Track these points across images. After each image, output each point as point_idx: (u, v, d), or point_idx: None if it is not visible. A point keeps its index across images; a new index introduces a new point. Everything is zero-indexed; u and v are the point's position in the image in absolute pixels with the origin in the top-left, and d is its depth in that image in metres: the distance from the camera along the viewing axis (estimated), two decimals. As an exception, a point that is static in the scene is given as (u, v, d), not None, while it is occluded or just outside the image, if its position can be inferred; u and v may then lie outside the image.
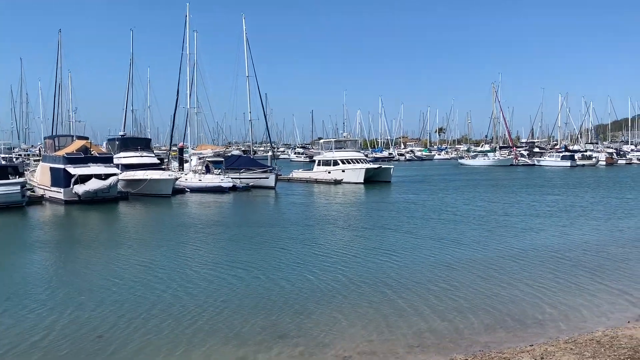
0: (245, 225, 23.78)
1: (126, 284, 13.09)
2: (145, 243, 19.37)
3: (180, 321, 10.17)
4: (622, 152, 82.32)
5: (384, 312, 10.55)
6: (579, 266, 14.28)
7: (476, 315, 10.19)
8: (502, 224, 22.72)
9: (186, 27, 41.79)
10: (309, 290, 12.33)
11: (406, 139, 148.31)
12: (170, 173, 33.96)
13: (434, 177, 56.42)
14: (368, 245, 18.05)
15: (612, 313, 10.15)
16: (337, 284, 12.84)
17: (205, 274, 14.01)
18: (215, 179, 37.46)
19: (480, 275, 13.41)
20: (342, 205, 31.68)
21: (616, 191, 37.49)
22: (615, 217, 24.39)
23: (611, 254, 15.92)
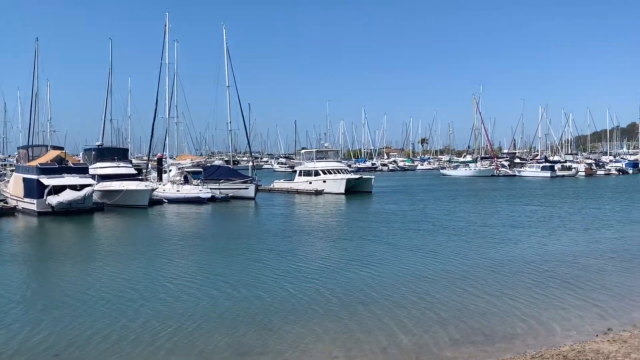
0: (221, 236, 23.46)
1: (91, 299, 12.72)
2: (116, 256, 18.93)
3: (141, 338, 9.86)
4: (601, 163, 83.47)
5: (352, 326, 10.35)
6: (553, 278, 14.25)
7: (445, 330, 10.05)
8: (481, 234, 22.74)
9: (165, 36, 41.55)
10: (279, 304, 12.10)
11: (390, 149, 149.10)
12: (146, 184, 33.49)
13: (415, 187, 56.57)
14: (345, 257, 17.90)
15: (582, 326, 10.07)
16: (309, 297, 12.65)
17: (175, 289, 13.69)
18: (193, 190, 37.06)
19: (454, 288, 13.30)
20: (321, 216, 31.50)
21: (594, 202, 37.84)
22: (593, 228, 24.52)
23: (585, 265, 15.93)
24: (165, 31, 41.42)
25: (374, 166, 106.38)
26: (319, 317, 11.06)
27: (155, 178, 42.86)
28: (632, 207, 34.24)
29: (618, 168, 78.58)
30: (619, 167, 79.35)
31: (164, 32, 41.42)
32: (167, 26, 41.31)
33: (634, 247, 18.98)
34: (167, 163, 42.05)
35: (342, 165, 49.04)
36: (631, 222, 26.75)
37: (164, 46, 41.44)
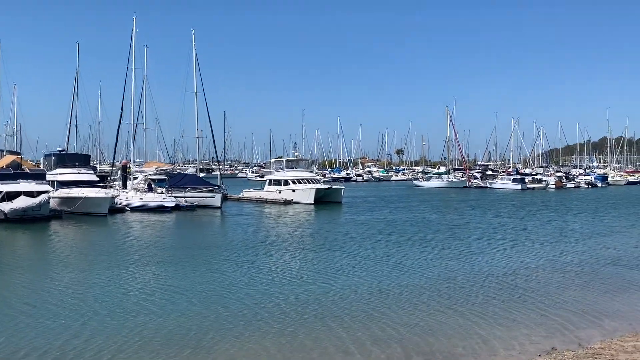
0: (180, 247, 22.92)
1: (36, 312, 12.15)
2: (67, 266, 18.26)
3: (82, 356, 9.36)
4: (571, 176, 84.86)
5: (292, 343, 9.98)
6: (508, 292, 14.13)
7: (385, 348, 9.72)
8: (446, 246, 22.75)
9: (132, 40, 40.76)
10: (234, 319, 11.67)
11: (366, 159, 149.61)
12: (106, 191, 32.59)
13: (386, 198, 56.55)
14: (307, 269, 17.64)
15: (526, 345, 9.82)
16: (266, 311, 12.26)
17: (126, 301, 13.19)
18: (157, 198, 36.26)
19: (407, 302, 13.10)
20: (287, 226, 31.06)
21: (561, 215, 38.30)
22: (557, 240, 24.75)
23: (544, 279, 15.90)
24: (132, 35, 40.70)
25: (349, 176, 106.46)
26: (274, 334, 10.71)
27: (120, 185, 41.86)
28: (597, 220, 34.73)
29: (587, 181, 79.99)
30: (588, 180, 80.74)
31: (131, 37, 40.68)
32: (134, 30, 40.64)
33: (595, 261, 19.09)
34: (131, 170, 41.01)
35: (312, 175, 48.69)
36: (595, 235, 27.09)
37: (131, 51, 40.69)
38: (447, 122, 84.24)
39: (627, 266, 18.08)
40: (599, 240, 24.82)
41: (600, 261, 19.05)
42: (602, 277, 16.24)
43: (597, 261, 19.06)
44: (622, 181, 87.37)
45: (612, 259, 19.49)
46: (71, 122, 47.94)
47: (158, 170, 45.00)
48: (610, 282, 15.53)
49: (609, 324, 11.20)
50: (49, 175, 35.23)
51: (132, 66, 40.54)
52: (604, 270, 17.26)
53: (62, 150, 38.83)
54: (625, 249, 22.10)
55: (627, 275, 16.48)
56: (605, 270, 17.39)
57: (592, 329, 10.85)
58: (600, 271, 17.13)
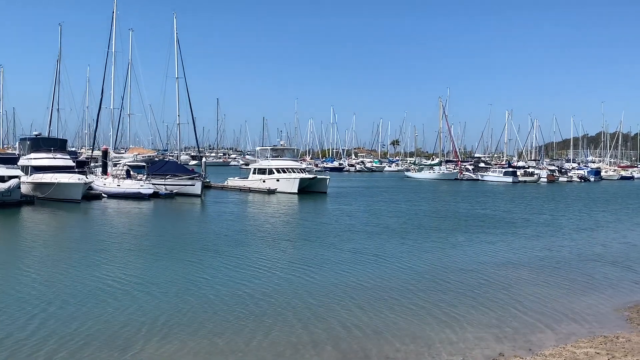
0: (150, 235, 22.34)
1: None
2: (27, 255, 17.61)
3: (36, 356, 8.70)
4: (564, 169, 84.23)
5: (263, 345, 9.39)
6: (472, 289, 13.58)
7: (323, 350, 9.05)
8: (425, 239, 22.29)
9: (113, 23, 39.77)
10: (193, 314, 11.11)
11: (362, 150, 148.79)
12: (80, 177, 31.80)
13: (374, 189, 55.91)
14: (276, 260, 17.02)
15: (472, 350, 9.16)
16: (228, 306, 11.73)
17: (84, 292, 12.62)
18: (134, 185, 35.52)
19: (366, 298, 12.54)
20: (266, 216, 30.48)
21: (549, 208, 37.82)
22: (540, 235, 24.27)
23: (512, 276, 15.25)
24: (112, 18, 39.69)
25: (341, 166, 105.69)
26: (232, 330, 10.18)
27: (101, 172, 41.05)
28: (584, 214, 34.37)
29: (580, 175, 79.39)
30: (581, 174, 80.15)
31: (112, 19, 39.67)
32: (114, 13, 39.62)
33: (572, 258, 18.55)
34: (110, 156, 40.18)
35: (297, 164, 47.89)
36: (579, 229, 26.73)
37: (111, 34, 39.73)
38: (440, 113, 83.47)
39: (604, 263, 17.52)
40: (582, 236, 24.35)
41: (577, 258, 18.50)
42: (574, 275, 15.65)
43: (574, 258, 18.51)
44: (616, 176, 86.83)
45: (589, 256, 18.94)
46: (53, 106, 47.00)
47: (138, 156, 44.17)
48: (580, 280, 14.93)
49: (566, 327, 10.57)
50: (24, 159, 34.46)
51: (113, 49, 39.66)
52: (578, 268, 16.67)
53: (38, 134, 37.95)
54: (607, 246, 21.58)
55: (599, 274, 15.87)
56: (579, 267, 16.81)
57: (548, 333, 10.22)
58: (574, 268, 16.54)
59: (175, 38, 43.31)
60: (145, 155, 46.52)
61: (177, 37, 43.50)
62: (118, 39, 47.90)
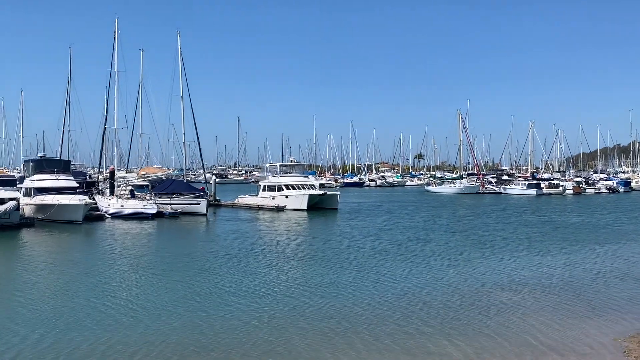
0: (148, 256, 22.01)
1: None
2: (19, 278, 17.37)
3: None
4: (591, 181, 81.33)
5: None
6: (460, 315, 12.52)
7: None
8: (428, 255, 21.34)
9: (115, 42, 39.87)
10: (168, 335, 10.72)
11: (385, 164, 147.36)
12: (81, 198, 31.54)
13: (391, 204, 54.70)
14: (273, 282, 16.39)
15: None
16: (207, 326, 11.48)
17: (72, 316, 12.45)
18: (137, 205, 35.12)
19: (364, 326, 11.69)
20: (272, 235, 29.80)
21: (569, 222, 36.06)
22: (552, 252, 23.03)
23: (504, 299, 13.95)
24: (114, 37, 39.80)
25: (362, 181, 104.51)
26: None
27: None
28: (607, 227, 32.26)
29: (608, 187, 76.52)
30: (609, 185, 77.25)
31: (114, 39, 39.78)
32: (116, 32, 39.72)
33: (571, 277, 17.00)
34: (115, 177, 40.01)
35: (307, 180, 46.98)
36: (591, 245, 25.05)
37: (114, 53, 39.80)
38: (459, 126, 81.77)
39: (613, 283, 16.12)
40: (594, 252, 22.74)
41: (584, 276, 17.05)
42: (578, 296, 14.37)
43: (579, 276, 17.11)
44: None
45: (597, 274, 17.50)
46: (64, 127, 47.38)
47: (145, 176, 43.93)
48: (584, 303, 13.58)
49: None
50: (27, 181, 34.45)
51: (116, 69, 39.65)
52: (583, 288, 15.29)
53: (42, 156, 38.08)
54: (617, 263, 20.00)
55: (606, 295, 14.54)
56: (584, 287, 15.42)
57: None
58: (579, 289, 15.19)
59: (180, 56, 43.32)
60: (153, 175, 46.30)
61: (182, 56, 43.52)
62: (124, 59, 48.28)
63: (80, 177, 44.00)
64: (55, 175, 34.24)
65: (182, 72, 43.50)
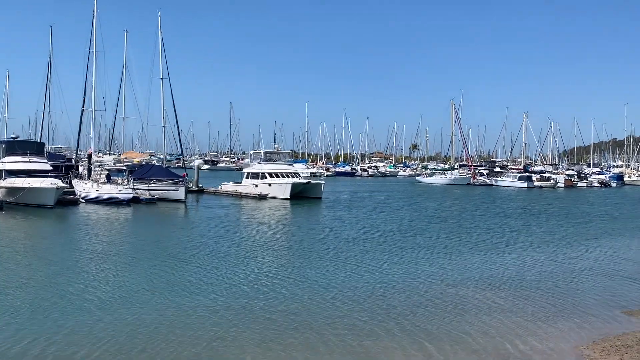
0: (117, 244, 21.26)
1: None
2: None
3: None
4: (584, 174, 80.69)
5: None
6: (413, 314, 11.82)
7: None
8: (403, 248, 20.70)
9: (93, 22, 38.63)
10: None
11: (379, 154, 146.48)
12: (53, 181, 30.59)
13: (379, 193, 54.04)
14: (236, 273, 15.73)
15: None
16: (162, 318, 10.96)
17: (27, 306, 11.84)
18: (112, 190, 34.20)
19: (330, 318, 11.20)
20: (249, 224, 29.22)
21: (556, 216, 35.47)
22: (530, 247, 22.35)
23: (464, 300, 13.21)
24: (93, 17, 38.55)
25: (354, 171, 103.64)
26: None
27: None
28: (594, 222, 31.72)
29: (600, 180, 75.91)
30: (601, 179, 76.64)
31: (92, 18, 38.51)
32: (95, 11, 38.46)
33: (540, 276, 16.19)
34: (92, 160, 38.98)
35: (292, 168, 46.05)
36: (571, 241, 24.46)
37: (92, 33, 38.57)
38: (452, 116, 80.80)
39: (585, 282, 15.37)
40: (570, 249, 22.01)
41: (556, 275, 16.28)
42: (545, 297, 13.60)
43: (551, 275, 16.33)
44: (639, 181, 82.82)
45: (570, 273, 16.72)
46: (45, 109, 46.18)
47: (125, 160, 42.94)
48: (551, 305, 12.79)
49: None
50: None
51: (94, 49, 38.47)
52: (552, 288, 14.51)
53: (15, 137, 37.00)
54: (592, 260, 19.30)
55: (575, 295, 13.82)
56: (554, 288, 14.63)
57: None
58: (547, 289, 14.38)
59: (160, 37, 42.18)
60: (136, 159, 45.28)
61: (162, 37, 42.48)
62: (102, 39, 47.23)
63: (59, 160, 43.00)
64: (27, 158, 33.24)
65: (162, 53, 42.50)
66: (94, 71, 38.55)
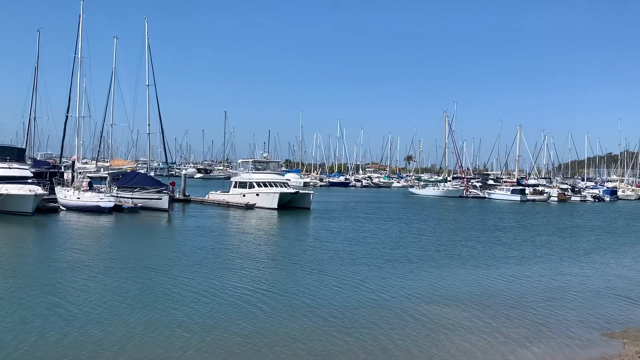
0: (95, 254, 20.66)
1: None
2: None
3: None
4: (577, 188, 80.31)
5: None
6: (389, 332, 11.52)
7: None
8: (389, 261, 20.33)
9: (79, 27, 38.11)
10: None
11: (374, 165, 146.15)
12: (32, 188, 29.89)
13: (371, 204, 53.54)
14: (209, 287, 15.21)
15: None
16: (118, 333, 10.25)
17: None
18: (93, 198, 33.48)
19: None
20: (232, 235, 28.78)
21: (546, 232, 35.05)
22: (505, 262, 21.91)
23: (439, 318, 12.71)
24: (79, 22, 38.04)
25: (347, 181, 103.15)
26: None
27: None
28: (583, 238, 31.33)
29: (594, 195, 75.57)
30: (595, 194, 76.30)
31: (78, 23, 38.02)
32: (80, 16, 37.94)
33: (522, 295, 15.58)
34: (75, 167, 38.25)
35: (281, 177, 45.46)
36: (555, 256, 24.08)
37: (78, 38, 38.03)
38: (445, 128, 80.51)
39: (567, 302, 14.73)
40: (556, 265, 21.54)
41: (537, 295, 15.65)
42: (524, 318, 12.93)
43: (532, 294, 15.72)
44: (633, 196, 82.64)
45: (553, 293, 16.12)
46: (30, 115, 45.52)
47: (112, 168, 42.24)
48: (530, 326, 12.18)
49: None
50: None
51: (79, 55, 37.93)
52: (532, 308, 13.91)
53: (8, 144, 36.32)
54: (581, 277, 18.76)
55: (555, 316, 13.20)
56: (534, 307, 14.02)
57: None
58: (527, 309, 13.76)
59: (147, 44, 41.69)
60: (125, 167, 44.61)
61: (148, 44, 41.98)
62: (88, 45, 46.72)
63: (43, 167, 42.30)
64: (7, 164, 32.51)
65: (148, 60, 41.93)
66: (79, 77, 37.99)
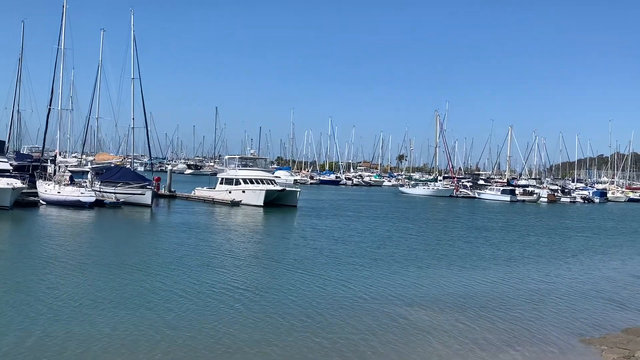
0: (71, 250, 20.00)
1: None
2: None
3: None
4: (567, 190, 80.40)
5: None
6: (362, 335, 11.10)
7: None
8: (374, 260, 19.98)
9: (63, 18, 37.44)
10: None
11: (366, 163, 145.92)
12: (9, 181, 29.26)
13: (359, 203, 53.15)
14: (198, 283, 14.93)
15: None
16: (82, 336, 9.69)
17: None
18: (74, 192, 32.85)
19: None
20: (219, 231, 28.21)
21: (535, 232, 34.88)
22: (490, 262, 21.61)
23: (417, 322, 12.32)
24: (63, 12, 37.36)
25: (338, 179, 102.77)
26: None
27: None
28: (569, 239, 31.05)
29: (584, 196, 75.66)
30: (585, 195, 76.40)
31: (62, 14, 37.33)
32: (64, 7, 37.28)
33: (504, 296, 15.29)
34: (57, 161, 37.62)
35: (268, 174, 44.95)
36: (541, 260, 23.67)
37: (61, 29, 37.34)
38: (437, 127, 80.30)
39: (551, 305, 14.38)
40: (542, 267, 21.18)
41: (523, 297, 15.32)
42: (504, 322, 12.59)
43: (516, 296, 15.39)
44: (623, 198, 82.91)
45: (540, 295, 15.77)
46: (14, 107, 44.80)
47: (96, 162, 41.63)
48: (510, 330, 11.81)
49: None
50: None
51: (62, 46, 37.29)
52: (516, 312, 13.52)
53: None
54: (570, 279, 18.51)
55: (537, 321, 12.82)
56: (518, 311, 13.64)
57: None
58: (508, 312, 13.39)
59: (132, 37, 41.10)
60: (113, 161, 43.97)
61: (134, 36, 41.47)
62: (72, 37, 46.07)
63: (26, 160, 41.63)
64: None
65: (134, 53, 41.33)
66: (62, 68, 37.32)
